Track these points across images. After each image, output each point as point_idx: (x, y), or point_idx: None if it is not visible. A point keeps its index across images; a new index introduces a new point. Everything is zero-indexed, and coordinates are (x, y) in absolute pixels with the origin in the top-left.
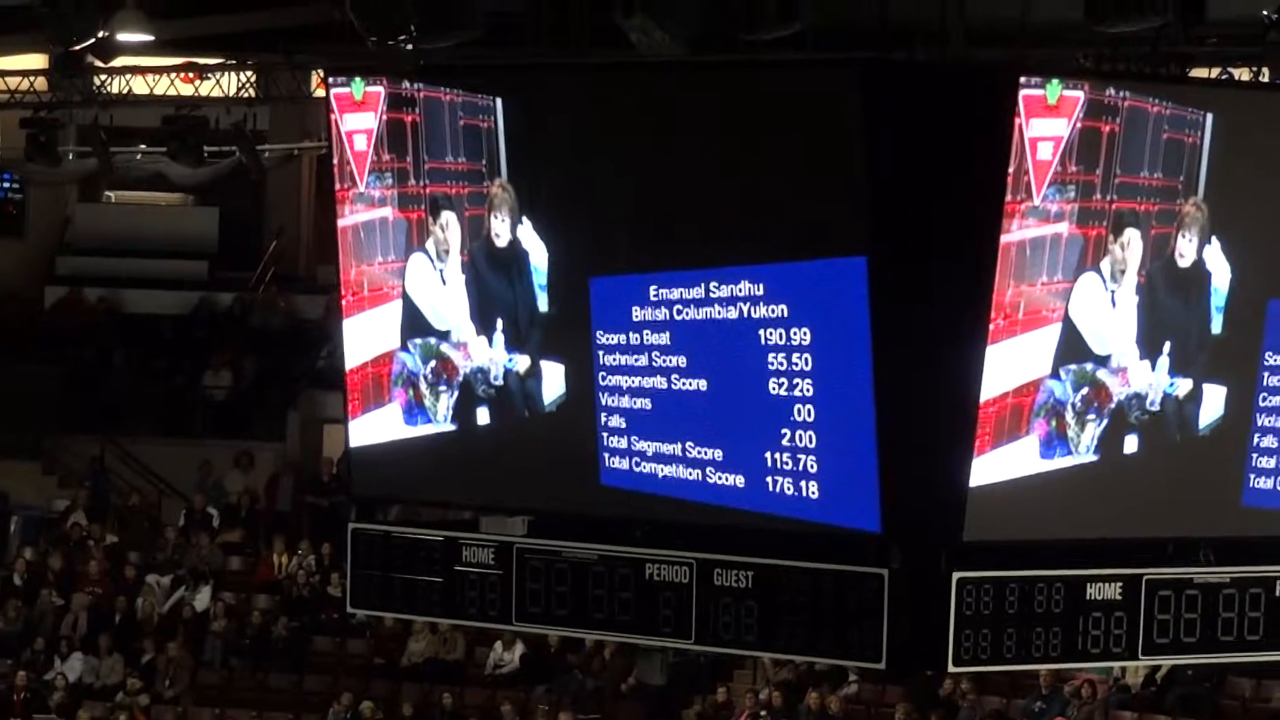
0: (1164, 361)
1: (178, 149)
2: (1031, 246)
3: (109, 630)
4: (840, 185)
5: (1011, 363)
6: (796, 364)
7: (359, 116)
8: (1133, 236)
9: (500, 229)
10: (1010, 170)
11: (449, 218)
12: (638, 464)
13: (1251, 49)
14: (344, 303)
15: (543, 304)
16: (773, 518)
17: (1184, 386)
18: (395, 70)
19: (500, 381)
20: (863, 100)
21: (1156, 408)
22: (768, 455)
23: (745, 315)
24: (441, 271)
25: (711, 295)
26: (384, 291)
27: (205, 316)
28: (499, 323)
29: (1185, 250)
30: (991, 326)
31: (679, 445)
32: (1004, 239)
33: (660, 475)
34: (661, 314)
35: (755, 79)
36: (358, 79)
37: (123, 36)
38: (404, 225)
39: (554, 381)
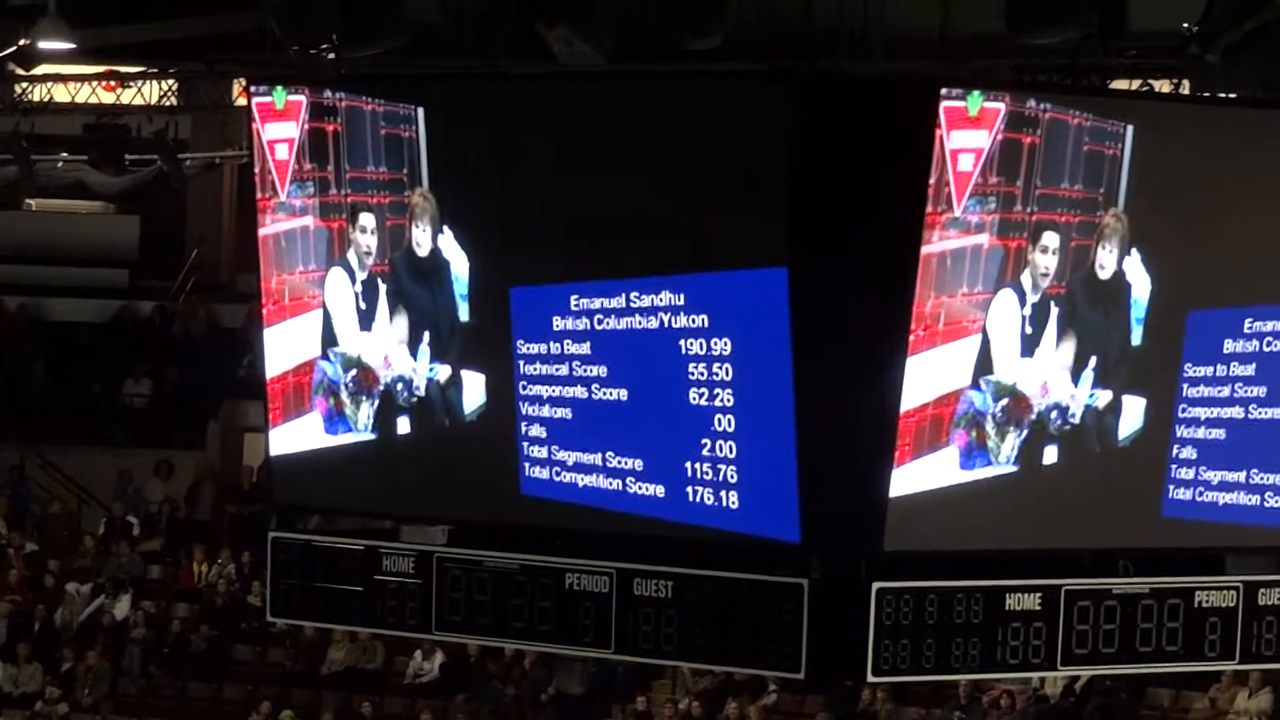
0: (1084, 373)
1: (99, 157)
2: (952, 258)
3: (28, 638)
4: (761, 196)
5: (932, 373)
6: (717, 374)
7: (280, 125)
8: (1052, 248)
9: (421, 238)
10: (931, 181)
11: (371, 227)
12: (558, 473)
13: (1172, 61)
14: (265, 311)
15: (464, 313)
16: (693, 528)
17: (1104, 398)
18: (317, 79)
19: (421, 391)
20: (784, 111)
21: (1077, 419)
22: (688, 465)
23: (666, 325)
24: (362, 282)
25: (632, 305)
26: (305, 300)
27: (126, 325)
28: (420, 332)
29: (1106, 261)
30: (912, 337)
31: (599, 455)
32: (924, 250)
33: (580, 485)
34: (582, 324)
35: (678, 90)
36: (279, 88)
37: (44, 44)
38: (325, 234)
39: (475, 391)
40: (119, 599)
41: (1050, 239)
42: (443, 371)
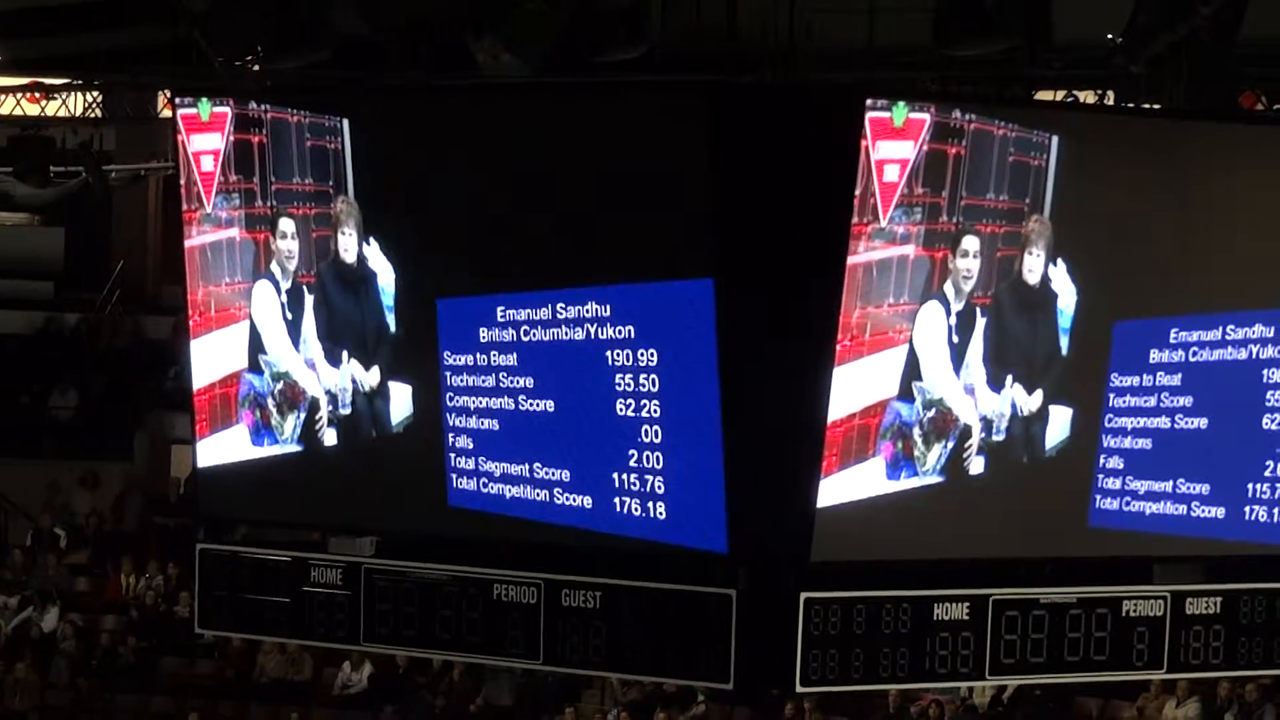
0: (1011, 384)
1: (23, 169)
2: (878, 268)
3: None
4: (687, 207)
5: (858, 384)
6: (644, 385)
7: (206, 137)
8: (973, 251)
9: (347, 244)
10: (857, 192)
11: (291, 232)
12: (485, 484)
13: (1097, 72)
14: (191, 323)
15: (390, 324)
16: (620, 538)
17: (1031, 408)
18: (242, 91)
19: (348, 402)
20: (709, 122)
21: (1003, 430)
22: (615, 476)
23: (592, 336)
24: (288, 294)
25: (559, 316)
26: (231, 312)
27: (52, 336)
28: (347, 343)
29: (1033, 265)
30: (838, 348)
31: (526, 466)
32: (850, 260)
33: (508, 495)
34: (509, 335)
35: (602, 101)
36: (204, 99)
37: None
38: (251, 246)
39: (401, 402)
40: (47, 611)
41: (970, 243)
42: (369, 383)
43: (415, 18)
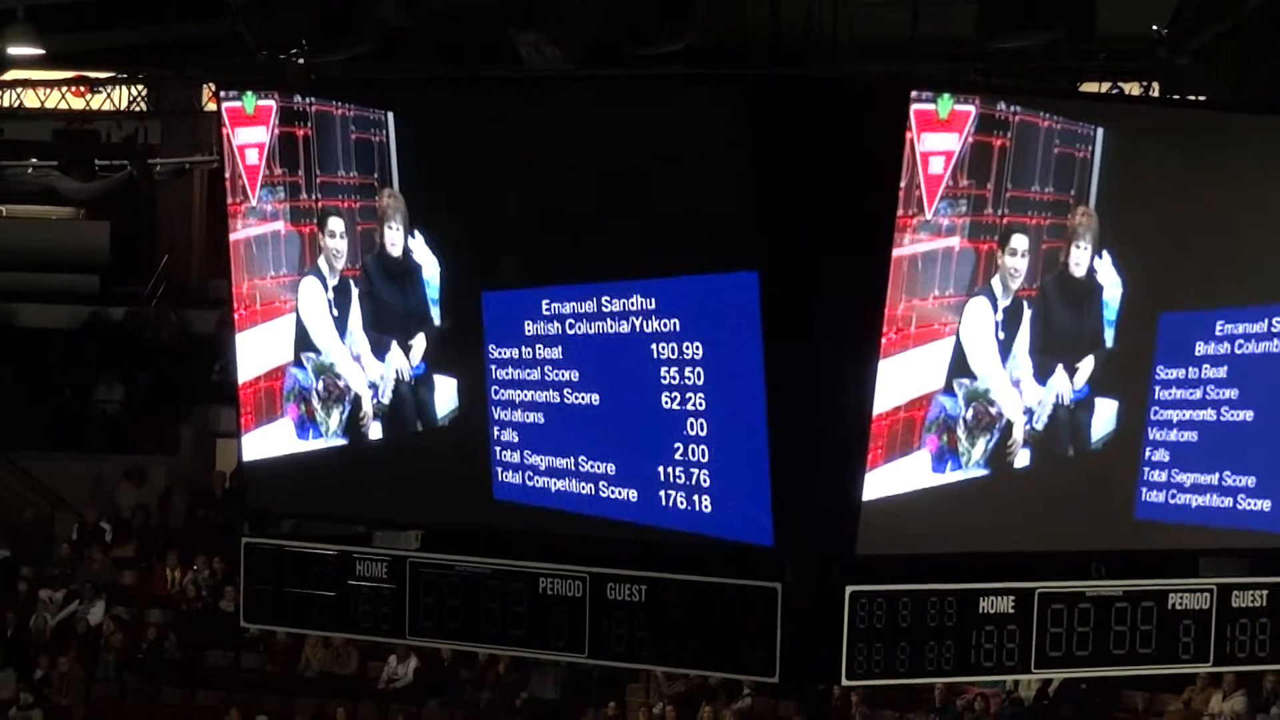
0: (1057, 376)
1: (69, 163)
2: (923, 261)
3: (1, 645)
4: (732, 200)
5: (904, 377)
6: (689, 378)
7: (250, 130)
8: (1022, 250)
9: (394, 239)
10: (902, 185)
11: (340, 231)
12: (531, 478)
13: (1141, 64)
14: (236, 317)
15: (436, 318)
16: (666, 532)
17: (1076, 401)
18: (287, 84)
19: (393, 396)
20: (753, 115)
21: (1049, 422)
22: (660, 469)
23: (637, 329)
24: (334, 289)
25: (604, 309)
26: (276, 305)
27: (97, 330)
28: (393, 337)
29: (1079, 259)
30: (884, 341)
31: (572, 459)
32: (896, 253)
33: (553, 489)
34: (554, 328)
35: (646, 94)
36: (249, 93)
37: (13, 50)
38: (296, 239)
39: (446, 395)
40: (92, 605)
41: (1019, 241)
42: (414, 376)
43: (458, 10)
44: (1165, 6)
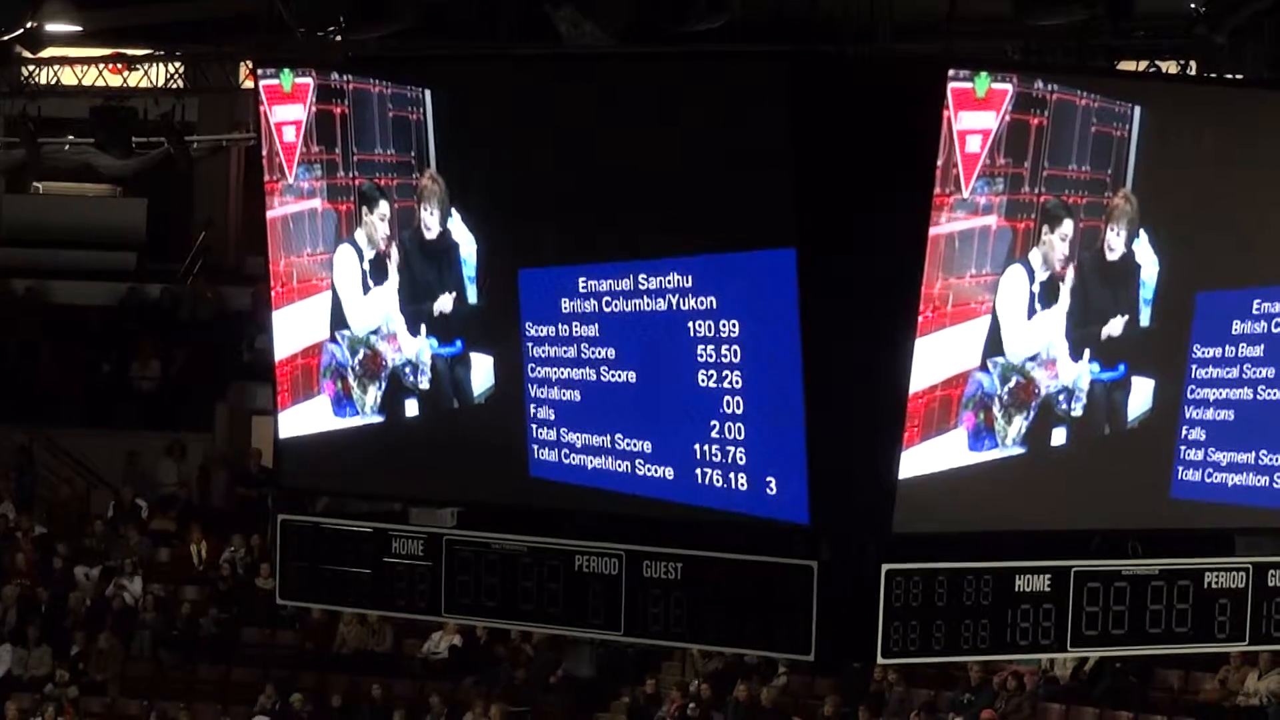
0: (1093, 354)
1: (106, 140)
2: (960, 239)
3: (37, 621)
4: (768, 178)
5: (940, 355)
6: (725, 356)
7: (288, 108)
8: (1061, 228)
9: (430, 220)
10: (939, 163)
11: (380, 209)
12: (567, 455)
13: (1179, 42)
14: (273, 294)
15: (472, 295)
16: (702, 510)
17: (1112, 379)
18: (324, 62)
19: (429, 373)
20: (791, 93)
21: (1085, 401)
22: (697, 447)
23: (674, 307)
24: (370, 263)
25: (640, 287)
26: (313, 283)
27: (134, 307)
28: (429, 314)
29: (1114, 243)
30: (920, 319)
31: (608, 437)
32: (933, 231)
33: (589, 467)
34: (590, 306)
35: (683, 71)
36: (286, 70)
37: (51, 27)
38: (333, 217)
39: (483, 373)
40: (129, 582)
41: (1067, 226)
42: (451, 354)
43: None
44: None
